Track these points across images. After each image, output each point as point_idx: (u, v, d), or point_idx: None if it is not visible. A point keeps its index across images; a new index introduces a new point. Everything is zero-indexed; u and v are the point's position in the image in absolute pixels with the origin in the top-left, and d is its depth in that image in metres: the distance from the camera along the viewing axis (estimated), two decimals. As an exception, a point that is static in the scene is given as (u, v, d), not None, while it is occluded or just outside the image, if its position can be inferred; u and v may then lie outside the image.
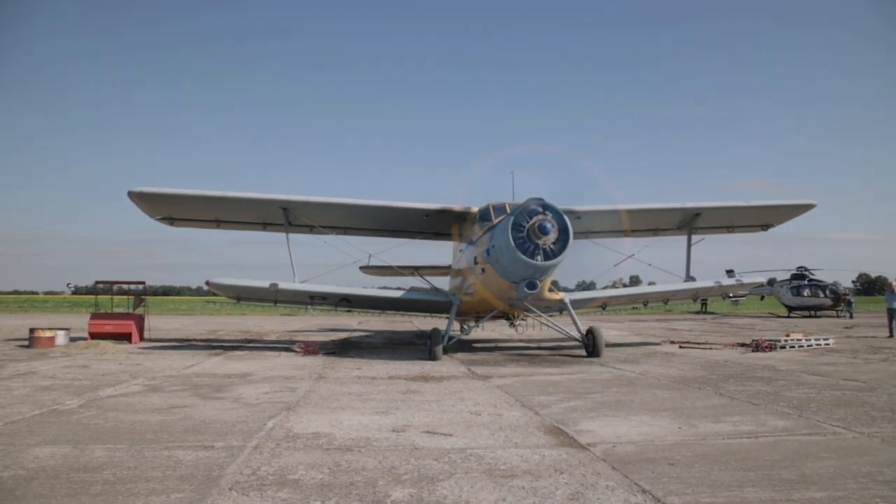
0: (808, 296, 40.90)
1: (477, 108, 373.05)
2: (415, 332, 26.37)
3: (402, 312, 20.21)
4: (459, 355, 15.24)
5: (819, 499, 4.32)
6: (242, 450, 5.68)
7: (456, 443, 5.99)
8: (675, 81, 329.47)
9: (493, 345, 18.78)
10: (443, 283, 20.91)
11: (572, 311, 15.66)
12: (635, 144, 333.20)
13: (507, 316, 17.05)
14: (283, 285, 16.14)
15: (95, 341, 18.03)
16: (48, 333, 17.51)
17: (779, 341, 16.42)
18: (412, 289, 18.52)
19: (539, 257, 12.79)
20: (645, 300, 19.31)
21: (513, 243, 12.68)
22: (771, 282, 43.80)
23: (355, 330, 27.83)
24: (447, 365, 13.15)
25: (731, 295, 35.84)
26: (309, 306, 18.59)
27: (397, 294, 17.42)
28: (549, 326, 16.35)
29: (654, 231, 20.04)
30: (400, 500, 4.32)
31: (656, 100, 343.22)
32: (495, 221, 14.15)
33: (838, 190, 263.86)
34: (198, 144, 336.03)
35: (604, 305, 19.58)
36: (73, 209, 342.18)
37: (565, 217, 13.09)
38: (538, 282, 13.41)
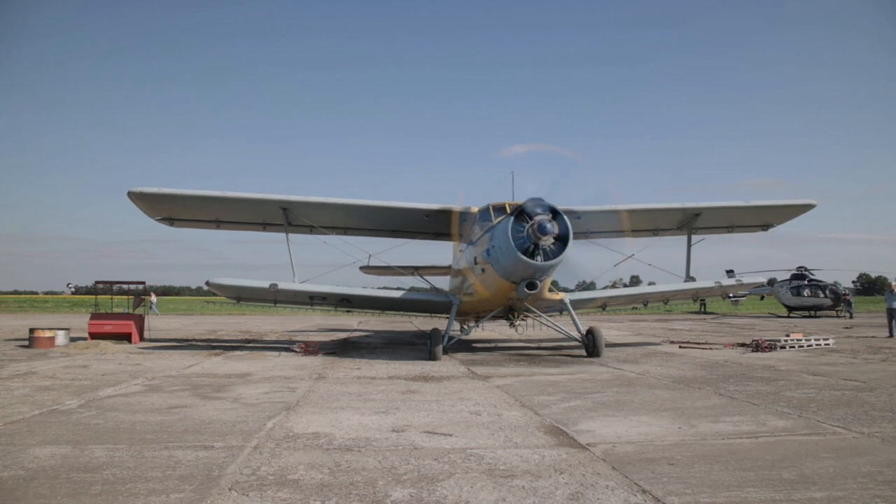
0: (808, 296, 40.88)
1: (477, 108, 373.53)
2: (415, 332, 26.37)
3: (402, 312, 20.23)
4: (459, 355, 15.24)
5: (819, 499, 4.32)
6: (242, 450, 5.67)
7: (456, 443, 5.99)
8: (675, 81, 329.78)
9: (493, 345, 18.78)
10: (443, 283, 20.90)
11: (572, 311, 15.66)
12: (635, 144, 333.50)
13: (507, 316, 17.05)
14: (283, 285, 16.15)
15: (95, 341, 18.04)
16: (48, 333, 17.51)
17: (779, 341, 16.41)
18: (412, 289, 18.52)
19: (539, 257, 12.78)
20: (645, 300, 19.33)
21: (513, 243, 12.67)
22: (771, 282, 43.79)
23: (355, 330, 27.83)
24: (447, 365, 13.15)
25: (731, 295, 35.86)
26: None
27: (397, 294, 17.42)
28: (549, 326, 16.35)
29: (654, 231, 20.04)
30: (400, 500, 4.31)
31: (656, 99, 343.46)
32: (495, 221, 14.13)
33: (838, 190, 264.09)
34: (198, 144, 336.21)
35: (604, 305, 19.60)
36: (73, 209, 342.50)
37: (565, 217, 13.08)
38: (538, 282, 13.40)
